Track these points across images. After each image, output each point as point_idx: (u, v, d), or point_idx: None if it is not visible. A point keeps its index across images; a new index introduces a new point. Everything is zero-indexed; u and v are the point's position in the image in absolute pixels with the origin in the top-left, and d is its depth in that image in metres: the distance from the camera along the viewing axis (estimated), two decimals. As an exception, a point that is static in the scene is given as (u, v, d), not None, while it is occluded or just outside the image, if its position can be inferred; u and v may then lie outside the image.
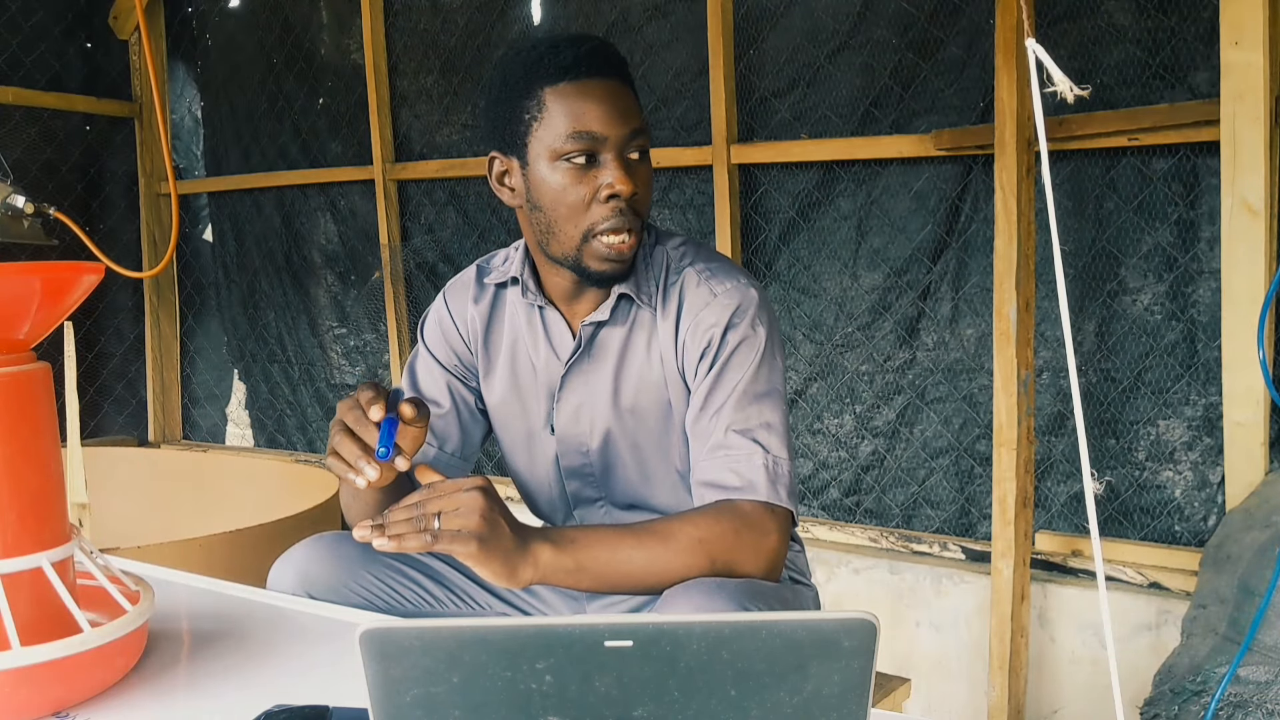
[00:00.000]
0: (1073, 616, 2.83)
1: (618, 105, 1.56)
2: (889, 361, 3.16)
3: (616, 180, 1.55)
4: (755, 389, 1.61)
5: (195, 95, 4.94)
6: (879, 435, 3.20)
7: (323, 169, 4.39)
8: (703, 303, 1.65)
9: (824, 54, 3.19)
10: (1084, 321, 2.83)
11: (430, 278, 4.16)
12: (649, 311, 1.69)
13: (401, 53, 4.11)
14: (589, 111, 1.55)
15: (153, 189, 4.83)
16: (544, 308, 1.74)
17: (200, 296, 5.00)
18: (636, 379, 1.70)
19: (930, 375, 3.10)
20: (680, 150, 3.45)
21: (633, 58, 3.51)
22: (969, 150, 2.91)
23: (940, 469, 3.10)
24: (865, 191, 3.18)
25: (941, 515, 3.11)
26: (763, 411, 1.60)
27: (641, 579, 1.50)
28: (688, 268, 1.68)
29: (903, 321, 3.13)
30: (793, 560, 1.85)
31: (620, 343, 1.71)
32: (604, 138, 1.55)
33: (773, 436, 1.59)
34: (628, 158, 1.58)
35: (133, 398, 4.89)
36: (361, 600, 1.72)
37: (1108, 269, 2.79)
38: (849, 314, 3.23)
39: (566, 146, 1.55)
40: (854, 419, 3.25)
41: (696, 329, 1.64)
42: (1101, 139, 2.71)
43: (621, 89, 1.59)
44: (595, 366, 1.72)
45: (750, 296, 1.64)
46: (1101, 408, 2.82)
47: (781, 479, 1.57)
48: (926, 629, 3.05)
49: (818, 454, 3.31)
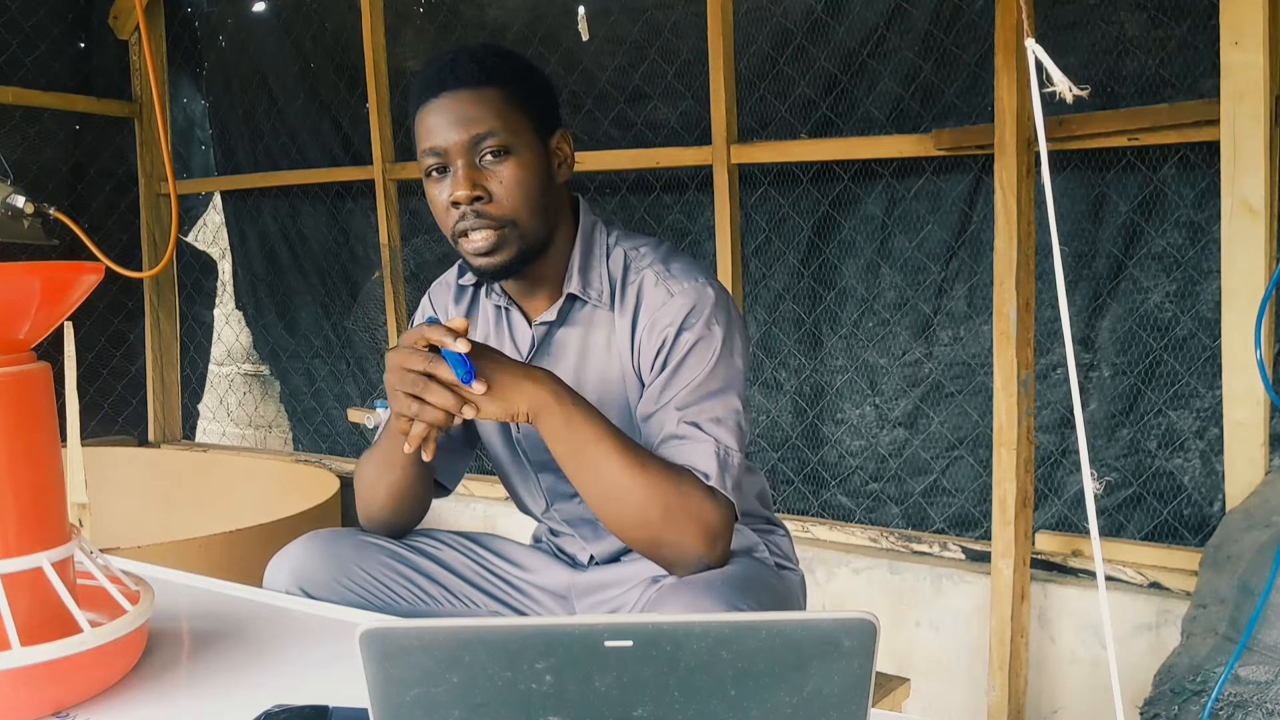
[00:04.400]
0: (1073, 616, 2.83)
1: (460, 115, 1.62)
2: (906, 355, 3.17)
3: (454, 187, 1.62)
4: (709, 386, 1.63)
5: (198, 95, 4.94)
6: (899, 426, 3.20)
7: (321, 169, 4.39)
8: (659, 302, 1.67)
9: (824, 55, 3.19)
10: (1096, 319, 2.84)
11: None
12: (606, 312, 1.72)
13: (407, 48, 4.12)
14: (433, 128, 1.63)
15: (153, 189, 4.82)
16: (508, 309, 1.80)
17: (200, 296, 5.02)
18: (598, 378, 1.73)
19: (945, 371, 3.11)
20: (680, 150, 3.45)
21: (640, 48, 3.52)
22: (969, 150, 2.91)
23: (958, 459, 3.11)
24: (868, 192, 3.19)
25: (958, 502, 3.11)
26: (715, 406, 1.63)
27: (600, 484, 1.56)
28: (646, 268, 1.71)
29: (918, 320, 3.14)
30: (777, 544, 1.88)
31: (579, 343, 1.74)
32: (444, 149, 1.63)
33: (723, 430, 1.62)
34: (478, 164, 1.62)
35: (133, 397, 4.89)
36: (356, 597, 1.73)
37: (1112, 268, 2.79)
38: (859, 316, 3.24)
39: (424, 163, 1.65)
40: (875, 410, 3.25)
41: (653, 329, 1.67)
42: (1101, 139, 2.71)
43: (469, 96, 1.62)
44: (554, 365, 1.74)
45: (707, 296, 1.67)
46: (1112, 401, 2.82)
47: (730, 470, 1.61)
48: (926, 629, 3.05)
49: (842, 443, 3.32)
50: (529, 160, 1.64)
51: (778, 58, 3.27)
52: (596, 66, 3.65)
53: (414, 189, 4.14)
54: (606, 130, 3.66)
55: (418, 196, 4.11)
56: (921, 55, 3.03)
